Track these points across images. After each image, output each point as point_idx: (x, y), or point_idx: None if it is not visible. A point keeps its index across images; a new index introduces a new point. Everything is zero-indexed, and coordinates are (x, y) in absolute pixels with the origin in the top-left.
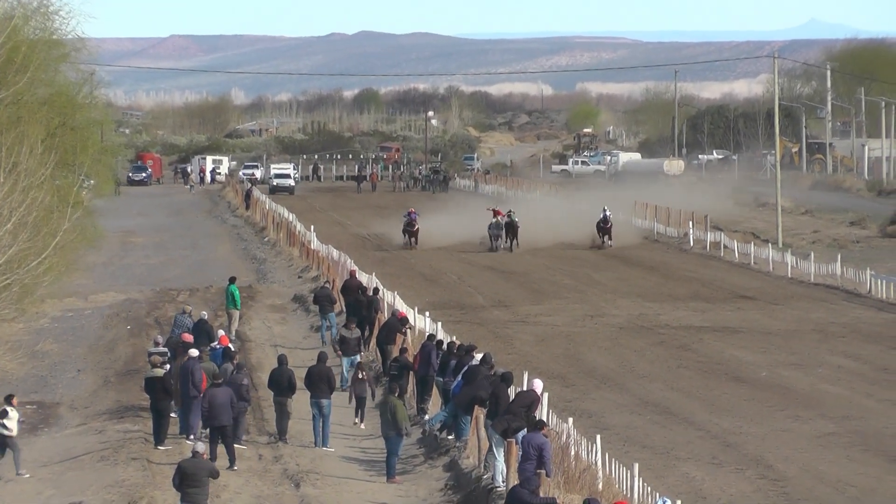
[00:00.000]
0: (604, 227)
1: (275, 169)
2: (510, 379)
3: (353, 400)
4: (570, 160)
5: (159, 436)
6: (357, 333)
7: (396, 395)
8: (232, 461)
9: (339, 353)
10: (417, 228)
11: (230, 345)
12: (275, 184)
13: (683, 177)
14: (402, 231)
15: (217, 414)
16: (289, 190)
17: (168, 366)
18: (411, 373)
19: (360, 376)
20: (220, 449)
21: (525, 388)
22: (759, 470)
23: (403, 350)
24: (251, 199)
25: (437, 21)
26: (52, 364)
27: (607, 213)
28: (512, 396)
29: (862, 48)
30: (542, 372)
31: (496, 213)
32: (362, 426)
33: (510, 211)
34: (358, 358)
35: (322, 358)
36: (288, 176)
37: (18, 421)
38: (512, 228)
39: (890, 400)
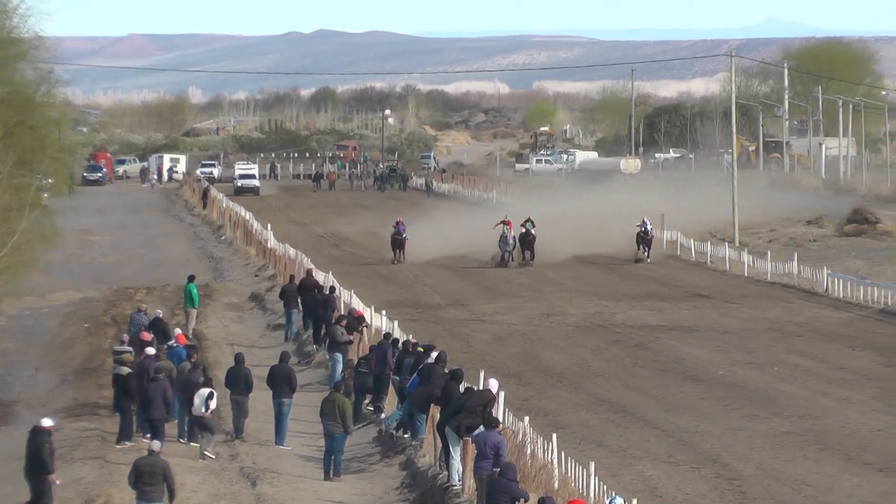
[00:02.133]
0: (644, 237)
1: (239, 169)
2: (460, 376)
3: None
4: (533, 158)
5: (123, 433)
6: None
7: (342, 392)
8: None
9: (329, 350)
10: (405, 239)
11: (191, 343)
12: (240, 185)
13: (640, 175)
14: (391, 244)
15: (150, 407)
16: (254, 191)
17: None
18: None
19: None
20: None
21: (481, 387)
22: (715, 469)
23: (371, 349)
24: (208, 198)
25: (394, 20)
26: (10, 362)
27: (648, 225)
28: (463, 393)
29: (819, 47)
30: (498, 371)
31: (505, 224)
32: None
33: (527, 220)
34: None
35: (284, 357)
36: (253, 176)
37: None
38: (527, 241)
39: (846, 399)
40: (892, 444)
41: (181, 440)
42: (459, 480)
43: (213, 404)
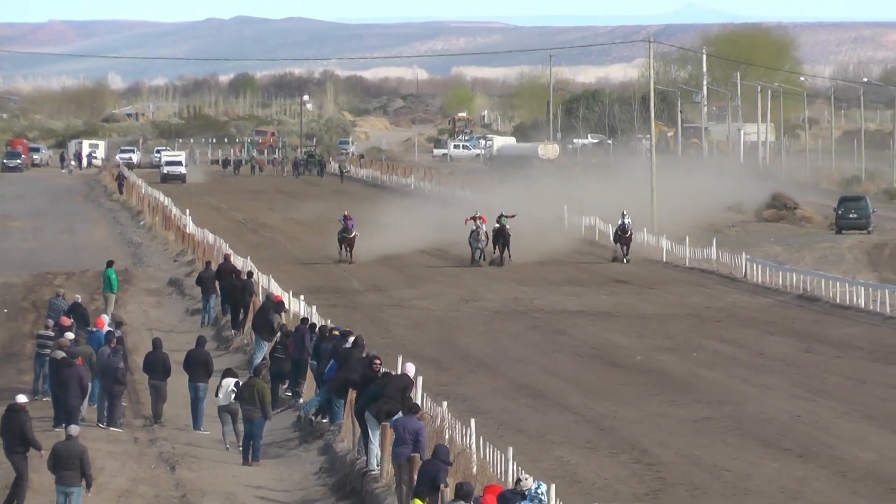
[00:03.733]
0: (622, 236)
1: (166, 156)
2: (374, 359)
3: None
4: (451, 144)
5: (59, 418)
6: None
7: (260, 377)
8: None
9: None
10: (354, 236)
11: (115, 329)
12: (166, 172)
13: (559, 160)
14: (338, 240)
15: (66, 393)
16: (181, 178)
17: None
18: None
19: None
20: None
21: (399, 372)
22: (634, 454)
23: (287, 335)
24: (124, 184)
25: (312, 6)
26: None
27: (626, 220)
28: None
29: (738, 33)
30: (417, 356)
31: (476, 220)
32: None
33: (501, 215)
34: None
35: (201, 342)
36: (180, 163)
37: None
38: (502, 236)
39: (766, 385)
40: (811, 430)
41: (100, 425)
42: (378, 465)
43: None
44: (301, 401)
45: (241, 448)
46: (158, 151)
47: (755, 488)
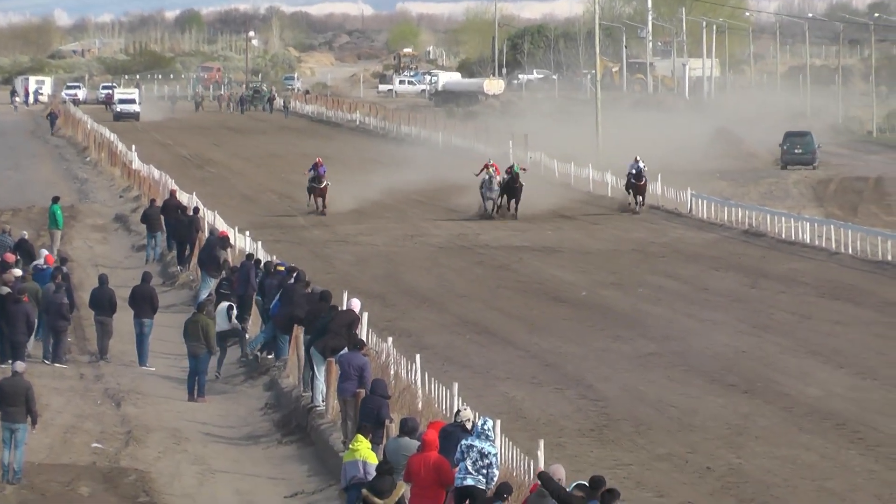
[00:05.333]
0: (636, 183)
1: (119, 94)
2: (328, 297)
3: None
4: (397, 80)
5: (4, 354)
6: None
7: (205, 313)
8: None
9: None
10: (326, 186)
11: (63, 266)
12: (119, 110)
13: (504, 96)
14: (307, 189)
15: (12, 329)
16: (134, 116)
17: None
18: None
19: None
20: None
21: (344, 308)
22: (579, 390)
23: (233, 271)
24: (55, 124)
25: None
26: None
27: (641, 164)
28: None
29: None
30: (361, 292)
31: (488, 168)
32: None
33: (512, 165)
34: None
35: (146, 278)
36: (133, 101)
37: None
38: (514, 188)
39: (710, 320)
40: (756, 365)
41: (45, 361)
42: (323, 401)
43: (234, 313)
44: (247, 336)
45: (186, 384)
46: (105, 88)
47: (700, 424)
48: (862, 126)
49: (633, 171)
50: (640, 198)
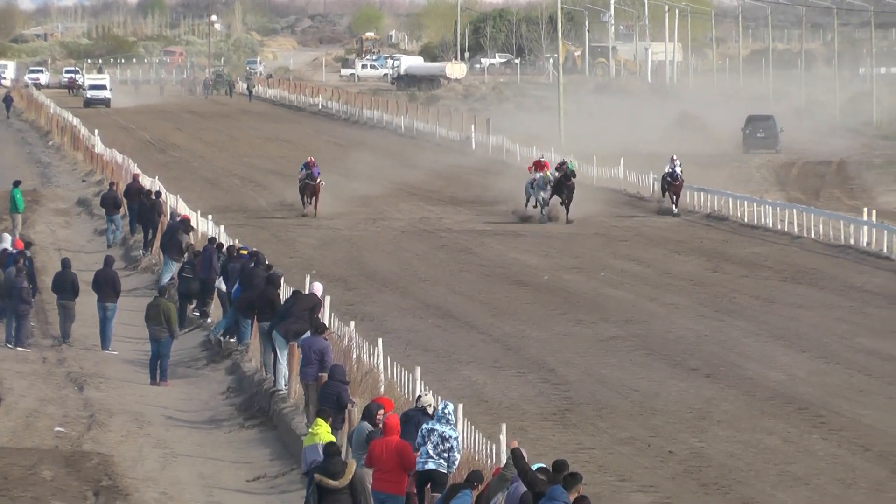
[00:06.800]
0: (672, 183)
1: (89, 79)
2: (276, 280)
3: None
4: (359, 64)
5: None
6: None
7: (167, 297)
8: None
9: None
10: (320, 184)
11: (26, 250)
12: (89, 96)
13: (466, 80)
14: (300, 189)
15: None
16: (105, 103)
17: None
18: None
19: None
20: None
21: (306, 292)
22: (541, 374)
23: (197, 254)
24: (10, 109)
25: None
26: None
27: (677, 166)
28: (289, 298)
29: None
30: (324, 275)
31: (539, 167)
32: None
33: (564, 161)
34: None
35: (109, 262)
36: (104, 87)
37: None
38: (566, 187)
39: (673, 304)
40: (719, 349)
41: (8, 345)
42: (286, 385)
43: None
44: (209, 320)
45: (148, 368)
46: (68, 72)
47: (662, 407)
48: (824, 110)
49: (670, 171)
50: (676, 197)
